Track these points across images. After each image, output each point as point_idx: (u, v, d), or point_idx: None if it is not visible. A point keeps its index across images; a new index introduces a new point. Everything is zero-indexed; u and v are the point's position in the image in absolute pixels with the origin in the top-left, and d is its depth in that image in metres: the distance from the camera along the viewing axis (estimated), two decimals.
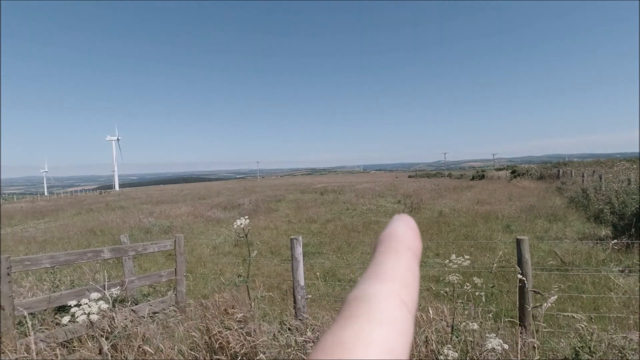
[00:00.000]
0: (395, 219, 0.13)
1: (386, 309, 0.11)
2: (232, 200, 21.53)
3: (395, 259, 0.12)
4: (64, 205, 27.92)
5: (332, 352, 0.11)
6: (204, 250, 9.20)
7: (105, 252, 3.94)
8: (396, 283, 0.11)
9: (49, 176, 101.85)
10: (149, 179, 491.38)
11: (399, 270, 0.12)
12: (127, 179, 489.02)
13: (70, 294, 3.45)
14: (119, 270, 6.50)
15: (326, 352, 0.11)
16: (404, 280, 0.11)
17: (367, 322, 0.11)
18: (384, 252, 0.12)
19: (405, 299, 0.11)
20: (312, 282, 5.91)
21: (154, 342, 2.75)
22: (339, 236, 10.03)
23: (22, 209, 26.61)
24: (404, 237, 0.12)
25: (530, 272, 3.22)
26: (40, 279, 5.51)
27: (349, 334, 0.11)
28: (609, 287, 5.00)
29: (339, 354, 0.11)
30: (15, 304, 3.15)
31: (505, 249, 7.39)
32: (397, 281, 0.11)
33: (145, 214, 16.21)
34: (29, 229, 15.59)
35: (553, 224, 9.76)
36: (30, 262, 3.35)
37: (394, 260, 0.12)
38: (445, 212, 12.96)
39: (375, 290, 0.11)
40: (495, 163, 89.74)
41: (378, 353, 0.11)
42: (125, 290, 4.19)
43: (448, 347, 2.16)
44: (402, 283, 0.11)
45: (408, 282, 0.11)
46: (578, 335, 2.57)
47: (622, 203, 8.35)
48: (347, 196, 21.22)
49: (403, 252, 0.12)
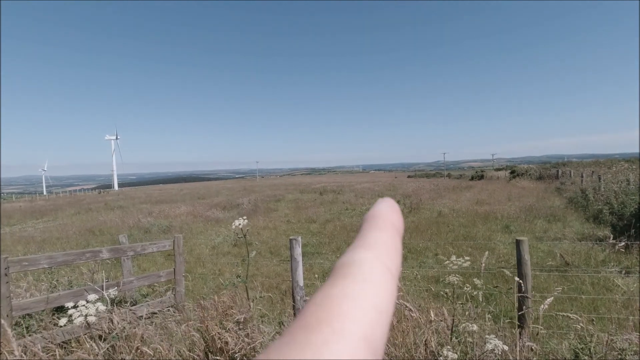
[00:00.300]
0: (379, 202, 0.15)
1: (371, 271, 0.12)
2: (231, 200, 21.51)
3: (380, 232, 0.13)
4: (62, 204, 27.87)
5: (322, 305, 0.12)
6: (203, 250, 9.19)
7: (104, 253, 3.92)
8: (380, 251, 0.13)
9: (47, 175, 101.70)
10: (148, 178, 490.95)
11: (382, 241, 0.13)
12: (126, 178, 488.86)
13: (69, 295, 3.44)
14: (117, 271, 6.48)
15: (316, 305, 0.12)
16: (387, 250, 0.13)
17: (353, 281, 0.12)
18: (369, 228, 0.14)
19: (389, 265, 0.13)
20: (311, 282, 5.89)
21: (152, 343, 2.73)
22: (338, 236, 10.02)
23: (20, 208, 26.56)
24: (387, 215, 0.14)
25: (529, 273, 3.21)
26: (38, 279, 5.49)
27: (336, 291, 0.12)
28: (609, 288, 5.00)
29: (327, 307, 0.12)
30: (13, 304, 3.13)
31: (505, 249, 7.40)
32: (381, 250, 0.13)
33: (144, 214, 16.19)
34: (27, 228, 15.55)
35: (552, 225, 9.77)
36: (29, 262, 3.33)
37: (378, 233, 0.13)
38: (444, 213, 12.95)
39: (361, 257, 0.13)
40: (494, 163, 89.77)
41: (363, 306, 0.12)
42: (124, 290, 4.18)
43: (447, 348, 2.15)
44: (385, 252, 0.13)
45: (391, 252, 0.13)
46: (578, 337, 2.57)
47: (621, 203, 8.36)
48: (347, 196, 21.23)
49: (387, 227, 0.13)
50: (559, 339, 3.19)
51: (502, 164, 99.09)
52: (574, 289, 5.01)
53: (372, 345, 0.12)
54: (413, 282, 5.54)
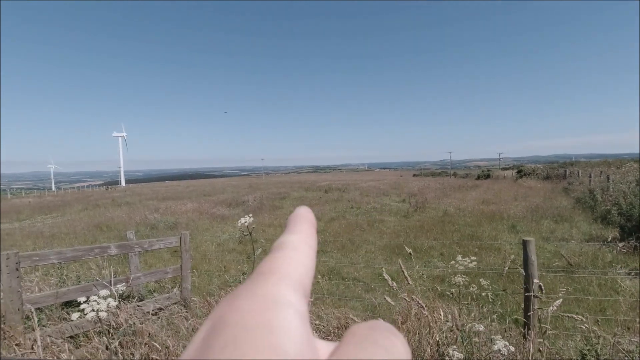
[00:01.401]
0: (297, 208, 0.21)
1: (299, 245, 0.18)
2: (237, 197, 21.61)
3: (301, 225, 0.19)
4: (70, 200, 28.19)
5: (271, 261, 0.17)
6: (208, 247, 9.25)
7: (112, 249, 3.97)
8: (303, 235, 0.18)
9: (56, 171, 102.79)
10: (154, 175, 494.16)
11: (304, 229, 0.19)
12: (133, 175, 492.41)
13: (78, 290, 3.49)
14: (124, 266, 6.55)
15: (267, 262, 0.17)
16: (308, 234, 0.19)
17: (288, 250, 0.17)
18: (294, 223, 0.20)
19: (310, 243, 0.18)
20: (315, 280, 5.92)
21: (159, 339, 2.77)
22: (343, 234, 10.03)
23: (29, 203, 26.92)
24: (305, 214, 0.21)
25: (536, 274, 3.19)
26: (47, 274, 5.57)
27: (279, 255, 0.17)
28: (615, 290, 4.96)
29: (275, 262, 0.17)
30: (24, 298, 3.19)
31: (511, 249, 7.35)
32: (303, 234, 0.18)
33: (150, 210, 16.33)
34: (36, 223, 15.76)
35: (559, 225, 9.69)
36: (39, 257, 3.38)
37: (300, 226, 0.19)
38: (450, 212, 12.90)
39: (291, 238, 0.18)
40: (501, 162, 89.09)
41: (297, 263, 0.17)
42: (131, 286, 4.23)
43: (453, 348, 2.15)
44: (306, 235, 0.18)
45: (310, 235, 0.19)
46: (584, 338, 2.56)
47: (629, 204, 8.26)
48: (352, 194, 21.20)
49: (305, 222, 0.20)
50: (565, 340, 3.18)
51: (509, 164, 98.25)
52: (581, 290, 4.98)
53: (304, 287, 0.17)
54: (418, 281, 5.53)
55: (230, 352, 0.15)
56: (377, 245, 8.61)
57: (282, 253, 0.18)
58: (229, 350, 0.15)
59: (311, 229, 0.20)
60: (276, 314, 0.16)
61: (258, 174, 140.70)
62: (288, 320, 0.16)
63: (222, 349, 0.16)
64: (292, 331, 0.16)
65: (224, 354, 0.15)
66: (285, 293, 0.17)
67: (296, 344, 0.15)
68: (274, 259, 0.18)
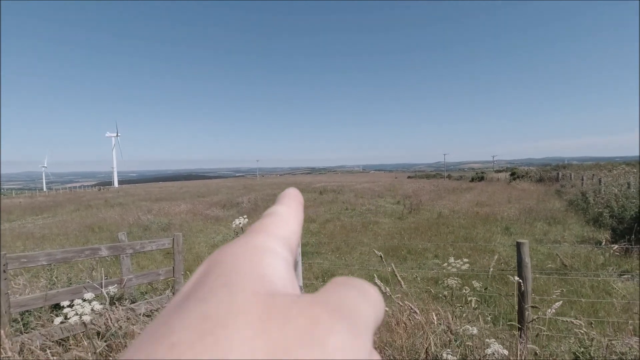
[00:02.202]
0: (287, 189, 0.24)
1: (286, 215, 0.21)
2: (231, 198, 21.51)
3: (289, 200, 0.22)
4: (62, 201, 27.87)
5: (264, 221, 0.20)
6: (202, 249, 9.17)
7: (103, 250, 3.91)
8: (291, 207, 0.22)
9: (48, 172, 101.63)
10: (148, 176, 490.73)
11: (292, 202, 0.22)
12: (127, 175, 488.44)
13: (67, 292, 3.43)
14: (116, 268, 6.47)
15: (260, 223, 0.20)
16: (295, 206, 0.22)
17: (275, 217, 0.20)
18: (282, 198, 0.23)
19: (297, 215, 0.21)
20: (310, 282, 5.90)
21: None
22: (337, 236, 10.01)
23: (20, 204, 26.56)
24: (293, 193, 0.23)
25: (530, 276, 3.19)
26: (36, 276, 5.48)
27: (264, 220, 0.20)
28: (608, 292, 4.99)
29: (266, 223, 0.20)
30: (11, 301, 3.12)
31: (505, 251, 7.39)
32: (292, 206, 0.22)
33: (144, 211, 16.18)
34: (27, 224, 15.54)
35: (552, 227, 9.76)
36: (27, 259, 3.32)
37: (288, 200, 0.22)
38: (444, 214, 12.94)
39: (279, 208, 0.21)
40: (494, 165, 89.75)
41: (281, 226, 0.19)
42: (123, 288, 4.17)
43: (447, 352, 2.14)
44: (294, 207, 0.22)
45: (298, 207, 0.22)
46: (578, 340, 2.56)
47: (621, 207, 8.35)
48: (346, 196, 21.20)
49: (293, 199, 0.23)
50: (558, 342, 3.19)
51: (503, 166, 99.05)
52: (574, 292, 5.00)
53: (291, 246, 0.19)
54: (412, 283, 5.52)
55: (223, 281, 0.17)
56: (372, 247, 8.60)
57: (272, 219, 0.20)
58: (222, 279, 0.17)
59: (299, 205, 0.23)
60: (265, 257, 0.17)
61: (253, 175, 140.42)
62: (276, 263, 0.18)
63: (215, 278, 0.17)
64: (279, 272, 0.17)
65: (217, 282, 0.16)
66: (274, 245, 0.18)
67: (282, 279, 0.16)
68: (264, 222, 0.20)
